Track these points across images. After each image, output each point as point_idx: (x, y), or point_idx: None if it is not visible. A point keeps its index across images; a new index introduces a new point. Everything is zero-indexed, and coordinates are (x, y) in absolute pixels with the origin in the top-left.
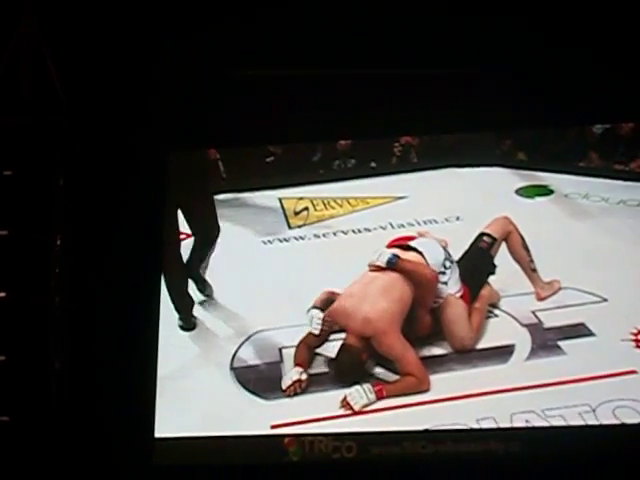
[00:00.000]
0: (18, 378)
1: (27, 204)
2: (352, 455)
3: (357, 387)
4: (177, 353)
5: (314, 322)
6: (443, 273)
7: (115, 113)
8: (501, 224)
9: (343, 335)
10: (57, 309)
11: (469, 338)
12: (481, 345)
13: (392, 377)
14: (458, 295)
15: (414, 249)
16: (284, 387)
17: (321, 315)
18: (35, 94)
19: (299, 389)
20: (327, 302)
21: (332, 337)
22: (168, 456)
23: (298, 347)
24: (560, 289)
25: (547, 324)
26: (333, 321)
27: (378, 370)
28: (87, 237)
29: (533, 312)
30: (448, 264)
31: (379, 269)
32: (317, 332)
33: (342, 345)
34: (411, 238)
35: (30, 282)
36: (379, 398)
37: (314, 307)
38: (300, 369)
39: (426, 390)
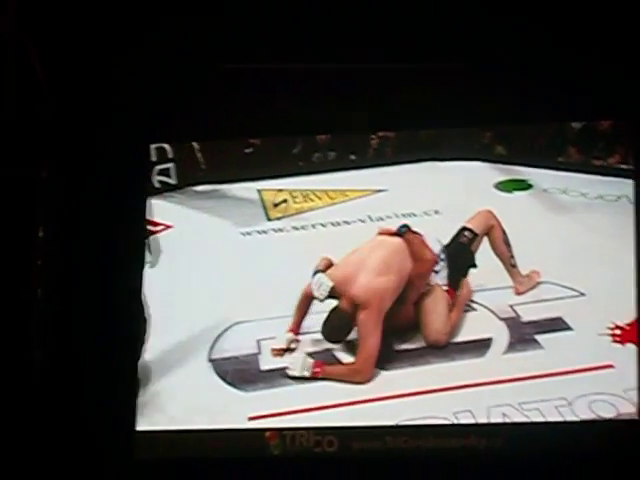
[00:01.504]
0: None
1: (9, 196)
2: (333, 449)
3: (297, 357)
4: (157, 346)
5: (322, 288)
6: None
7: (99, 105)
8: (483, 218)
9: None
10: (39, 301)
11: (444, 333)
12: (459, 338)
13: None
14: (445, 288)
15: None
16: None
17: (330, 283)
18: (18, 86)
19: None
20: (329, 267)
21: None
22: (149, 449)
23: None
24: (539, 283)
25: (525, 318)
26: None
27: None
28: (70, 229)
29: (511, 306)
30: (443, 256)
31: (388, 233)
32: (322, 298)
33: (335, 307)
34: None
35: (12, 274)
36: (313, 377)
37: (319, 271)
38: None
39: (362, 382)
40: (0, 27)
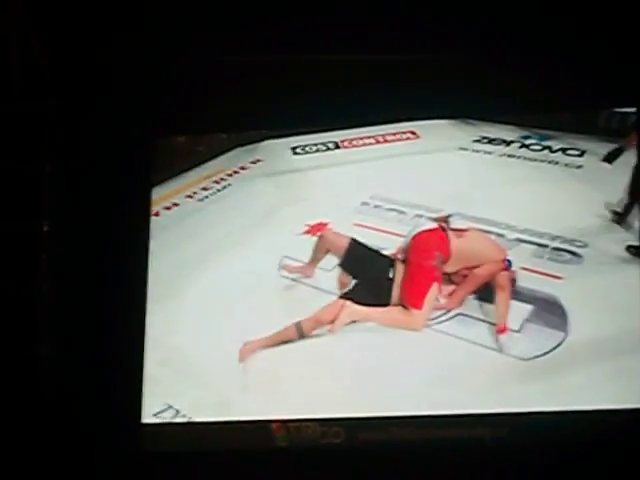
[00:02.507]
0: (4, 366)
1: (14, 191)
2: (340, 441)
3: None
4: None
5: None
6: None
7: (102, 98)
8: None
9: None
10: (44, 296)
11: None
12: None
13: None
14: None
15: None
16: None
17: None
18: (22, 80)
19: None
20: None
21: None
22: (157, 442)
23: None
24: None
25: None
26: None
27: None
28: (74, 224)
29: None
30: None
31: None
32: None
33: None
34: None
35: (17, 270)
36: None
37: None
38: None
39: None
40: (4, 22)
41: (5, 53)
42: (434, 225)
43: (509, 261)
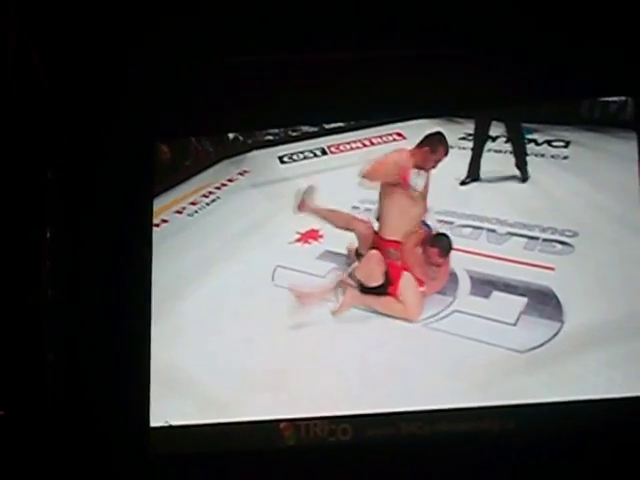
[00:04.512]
0: (13, 372)
1: (16, 197)
2: (348, 438)
3: None
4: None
5: None
6: None
7: (102, 103)
8: None
9: None
10: (50, 302)
11: None
12: None
13: None
14: None
15: None
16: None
17: None
18: (21, 87)
19: None
20: None
21: None
22: (164, 445)
23: None
24: None
25: None
26: None
27: None
28: (77, 229)
29: None
30: None
31: None
32: None
33: None
34: None
35: (22, 276)
36: None
37: None
38: None
39: None
40: (1, 27)
41: (4, 62)
42: None
43: (427, 224)
